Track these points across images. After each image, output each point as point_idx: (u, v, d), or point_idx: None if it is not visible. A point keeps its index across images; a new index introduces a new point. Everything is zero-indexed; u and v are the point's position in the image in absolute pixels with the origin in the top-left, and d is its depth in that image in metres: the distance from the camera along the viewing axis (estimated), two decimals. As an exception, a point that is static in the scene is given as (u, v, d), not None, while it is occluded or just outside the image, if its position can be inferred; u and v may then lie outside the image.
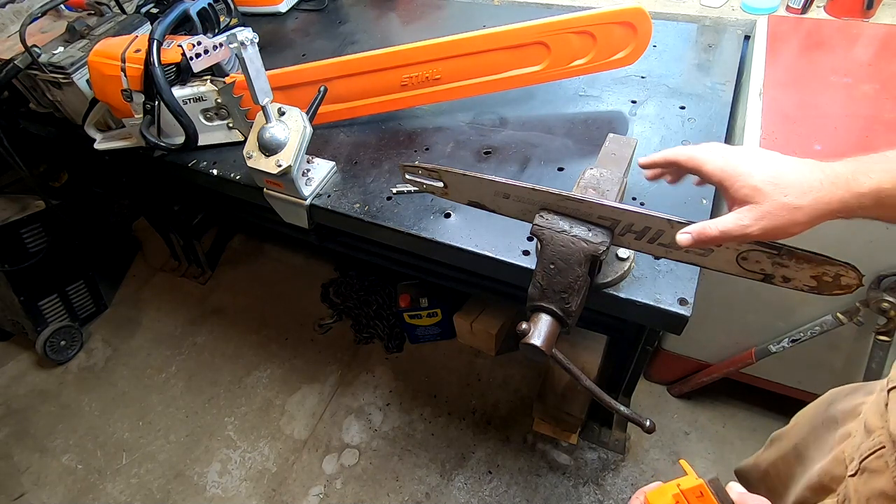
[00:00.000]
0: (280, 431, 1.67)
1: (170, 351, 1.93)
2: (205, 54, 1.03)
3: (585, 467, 1.47)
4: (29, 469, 1.69)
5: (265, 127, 0.94)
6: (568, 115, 1.11)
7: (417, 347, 1.81)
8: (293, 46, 1.47)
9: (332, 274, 2.06)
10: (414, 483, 1.50)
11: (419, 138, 1.11)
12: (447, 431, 1.59)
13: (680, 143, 1.00)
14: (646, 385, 1.61)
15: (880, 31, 1.14)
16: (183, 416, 1.75)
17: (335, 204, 1.00)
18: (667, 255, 0.64)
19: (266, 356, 1.86)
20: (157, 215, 1.99)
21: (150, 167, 1.23)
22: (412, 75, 1.05)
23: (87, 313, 2.03)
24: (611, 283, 0.78)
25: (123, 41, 1.05)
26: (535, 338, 0.64)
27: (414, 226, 0.93)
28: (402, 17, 1.54)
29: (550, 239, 0.65)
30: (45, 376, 1.92)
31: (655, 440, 1.51)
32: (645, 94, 1.12)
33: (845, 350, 1.15)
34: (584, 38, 1.00)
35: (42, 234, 1.75)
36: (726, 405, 1.54)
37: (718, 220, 0.54)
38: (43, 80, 1.20)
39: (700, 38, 1.26)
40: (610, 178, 0.73)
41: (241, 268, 2.18)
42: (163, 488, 1.59)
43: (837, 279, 0.54)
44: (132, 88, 1.03)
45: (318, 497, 1.52)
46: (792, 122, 0.96)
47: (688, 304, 0.75)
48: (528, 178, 0.97)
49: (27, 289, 1.79)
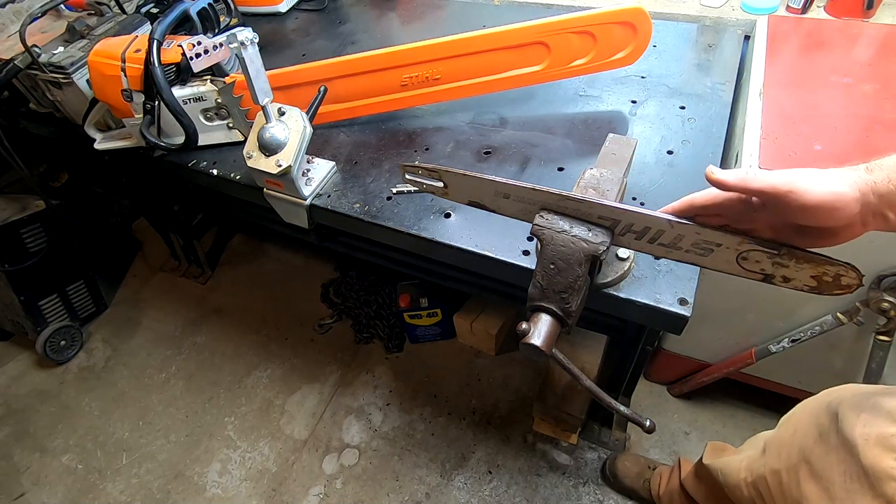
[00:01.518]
0: (280, 431, 1.67)
1: (170, 351, 1.93)
2: (205, 54, 1.03)
3: (585, 467, 1.47)
4: (29, 469, 1.69)
5: (265, 127, 0.94)
6: (568, 115, 1.11)
7: (417, 347, 1.81)
8: (293, 46, 1.47)
9: (332, 274, 2.06)
10: (414, 483, 1.50)
11: (419, 138, 1.11)
12: (447, 431, 1.59)
13: (680, 143, 0.99)
14: (646, 385, 1.61)
15: (880, 31, 1.14)
16: (183, 416, 1.75)
17: (335, 204, 1.00)
18: (667, 255, 0.64)
19: (266, 356, 1.86)
20: (157, 215, 1.99)
21: (150, 167, 1.23)
22: (412, 75, 1.05)
23: (87, 313, 2.03)
24: (611, 283, 0.78)
25: (123, 41, 1.05)
26: (535, 338, 0.64)
27: (414, 226, 0.93)
28: (402, 17, 1.54)
29: (550, 239, 0.65)
30: (45, 376, 1.92)
31: (655, 440, 1.51)
32: (645, 94, 1.12)
33: (845, 350, 1.15)
34: (584, 38, 1.00)
35: (42, 234, 1.75)
36: (726, 405, 1.54)
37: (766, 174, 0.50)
38: (43, 80, 1.20)
39: (700, 38, 1.26)
40: (610, 178, 0.73)
41: (241, 268, 2.18)
42: (163, 488, 1.59)
43: (837, 279, 0.54)
44: (132, 88, 1.03)
45: (318, 497, 1.52)
46: (792, 122, 0.96)
47: (688, 304, 0.75)
48: (528, 178, 0.97)
49: (27, 289, 1.79)
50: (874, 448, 0.60)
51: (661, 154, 0.98)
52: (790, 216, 0.51)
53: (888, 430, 0.59)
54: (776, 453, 0.77)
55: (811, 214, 0.49)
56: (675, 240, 0.61)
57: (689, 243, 0.60)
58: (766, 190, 0.50)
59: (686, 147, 0.99)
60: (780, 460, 0.75)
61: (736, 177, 0.53)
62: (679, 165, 0.96)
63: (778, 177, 0.50)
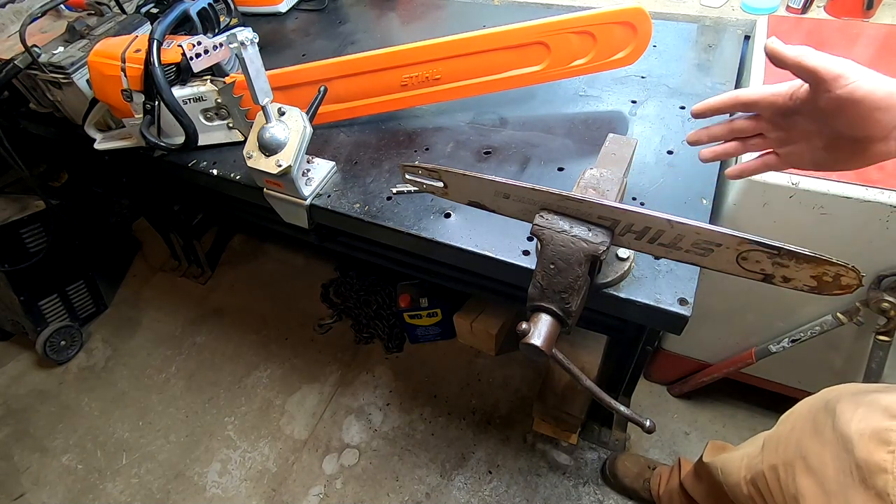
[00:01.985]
0: (280, 431, 1.67)
1: (170, 351, 1.93)
2: (205, 54, 1.03)
3: (585, 467, 1.47)
4: (29, 469, 1.69)
5: (265, 127, 0.94)
6: (568, 115, 1.11)
7: (417, 347, 1.81)
8: (293, 46, 1.47)
9: (332, 274, 2.06)
10: (414, 483, 1.50)
11: (419, 138, 1.11)
12: (447, 431, 1.59)
13: (680, 143, 0.99)
14: (646, 385, 1.61)
15: (880, 31, 1.14)
16: (183, 416, 1.75)
17: (335, 204, 1.00)
18: (667, 255, 0.64)
19: (266, 356, 1.86)
20: (157, 215, 1.99)
21: (150, 167, 1.23)
22: (412, 75, 1.05)
23: (87, 313, 2.03)
24: (611, 283, 0.78)
25: (123, 41, 1.05)
26: (535, 338, 0.64)
27: (414, 226, 0.93)
28: (402, 17, 1.54)
29: (550, 239, 0.65)
30: (45, 376, 1.92)
31: (655, 440, 1.51)
32: (645, 94, 1.12)
33: (845, 350, 1.15)
34: (584, 38, 1.00)
35: (42, 234, 1.75)
36: (726, 405, 1.54)
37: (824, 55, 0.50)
38: (43, 80, 1.20)
39: (700, 38, 1.26)
40: (610, 178, 0.73)
41: (241, 268, 2.18)
42: (163, 488, 1.59)
43: (837, 279, 0.54)
44: (132, 88, 1.03)
45: (318, 497, 1.52)
46: (792, 122, 0.96)
47: (688, 304, 0.75)
48: (528, 178, 0.97)
49: (27, 289, 1.79)
50: (869, 442, 0.60)
51: (661, 154, 0.98)
52: (832, 115, 0.50)
53: (883, 425, 0.60)
54: (774, 449, 0.77)
55: (854, 110, 0.48)
56: (675, 240, 0.61)
57: (689, 243, 0.60)
58: (819, 70, 0.50)
59: (686, 147, 0.99)
60: (778, 456, 0.75)
61: (795, 52, 0.52)
62: (679, 165, 0.96)
63: (834, 60, 0.49)
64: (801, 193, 0.89)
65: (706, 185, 0.91)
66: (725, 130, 0.66)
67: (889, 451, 0.58)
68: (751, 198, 0.94)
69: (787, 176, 0.89)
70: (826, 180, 0.87)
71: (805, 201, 0.89)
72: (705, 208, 0.87)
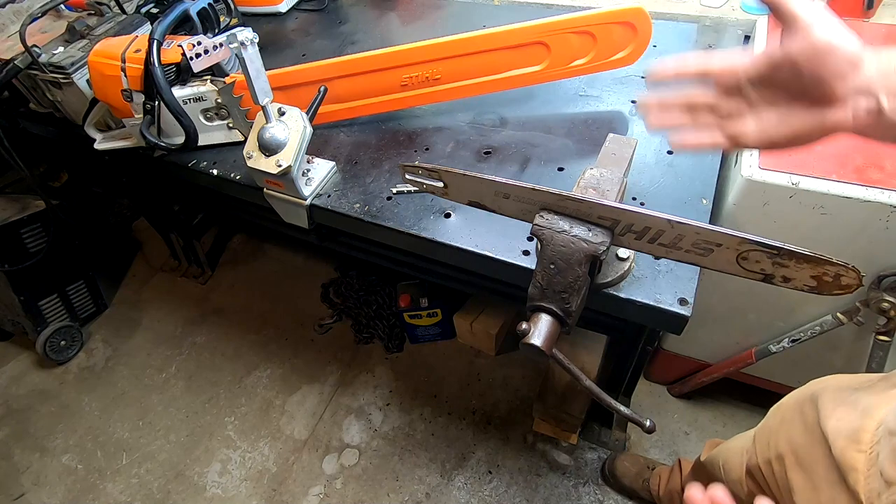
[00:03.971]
0: (280, 431, 1.67)
1: (170, 351, 1.93)
2: (205, 54, 1.02)
3: (585, 467, 1.47)
4: (29, 469, 1.69)
5: (265, 127, 0.94)
6: (568, 115, 1.11)
7: (417, 347, 1.81)
8: (293, 46, 1.47)
9: (332, 274, 2.06)
10: (414, 483, 1.50)
11: (419, 138, 1.11)
12: (447, 431, 1.59)
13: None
14: (646, 385, 1.61)
15: (880, 31, 1.14)
16: (183, 416, 1.75)
17: (335, 204, 1.00)
18: (667, 255, 0.64)
19: (266, 356, 1.86)
20: (157, 215, 1.99)
21: (150, 167, 1.23)
22: (412, 75, 1.05)
23: (87, 313, 2.03)
24: (611, 283, 0.78)
25: (123, 41, 1.05)
26: (535, 338, 0.64)
27: (414, 226, 0.93)
28: (402, 17, 1.54)
29: (550, 239, 0.65)
30: (45, 376, 1.92)
31: (655, 440, 1.51)
32: (645, 94, 1.12)
33: (845, 350, 1.15)
34: (584, 38, 1.00)
35: (42, 234, 1.75)
36: (726, 405, 1.54)
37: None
38: (43, 80, 1.20)
39: (700, 38, 1.26)
40: (610, 178, 0.73)
41: (241, 268, 2.18)
42: (163, 488, 1.60)
43: (837, 279, 0.54)
44: (132, 88, 1.03)
45: (318, 497, 1.52)
46: (792, 122, 0.96)
47: (688, 304, 0.75)
48: (528, 178, 0.97)
49: (27, 289, 1.79)
50: (843, 441, 0.62)
51: (661, 154, 0.98)
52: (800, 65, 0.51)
53: (856, 424, 0.61)
54: (765, 441, 0.78)
55: (828, 57, 0.49)
56: (675, 240, 0.61)
57: (689, 243, 0.60)
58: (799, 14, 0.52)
59: (686, 147, 0.99)
60: (770, 449, 0.76)
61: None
62: (679, 165, 0.95)
63: (816, 7, 0.51)
64: (801, 193, 0.89)
65: (706, 185, 0.91)
66: (678, 101, 0.64)
67: (859, 451, 0.59)
68: (751, 198, 0.94)
69: (788, 176, 0.89)
70: (826, 180, 0.87)
71: (805, 201, 0.89)
72: (705, 208, 0.87)
